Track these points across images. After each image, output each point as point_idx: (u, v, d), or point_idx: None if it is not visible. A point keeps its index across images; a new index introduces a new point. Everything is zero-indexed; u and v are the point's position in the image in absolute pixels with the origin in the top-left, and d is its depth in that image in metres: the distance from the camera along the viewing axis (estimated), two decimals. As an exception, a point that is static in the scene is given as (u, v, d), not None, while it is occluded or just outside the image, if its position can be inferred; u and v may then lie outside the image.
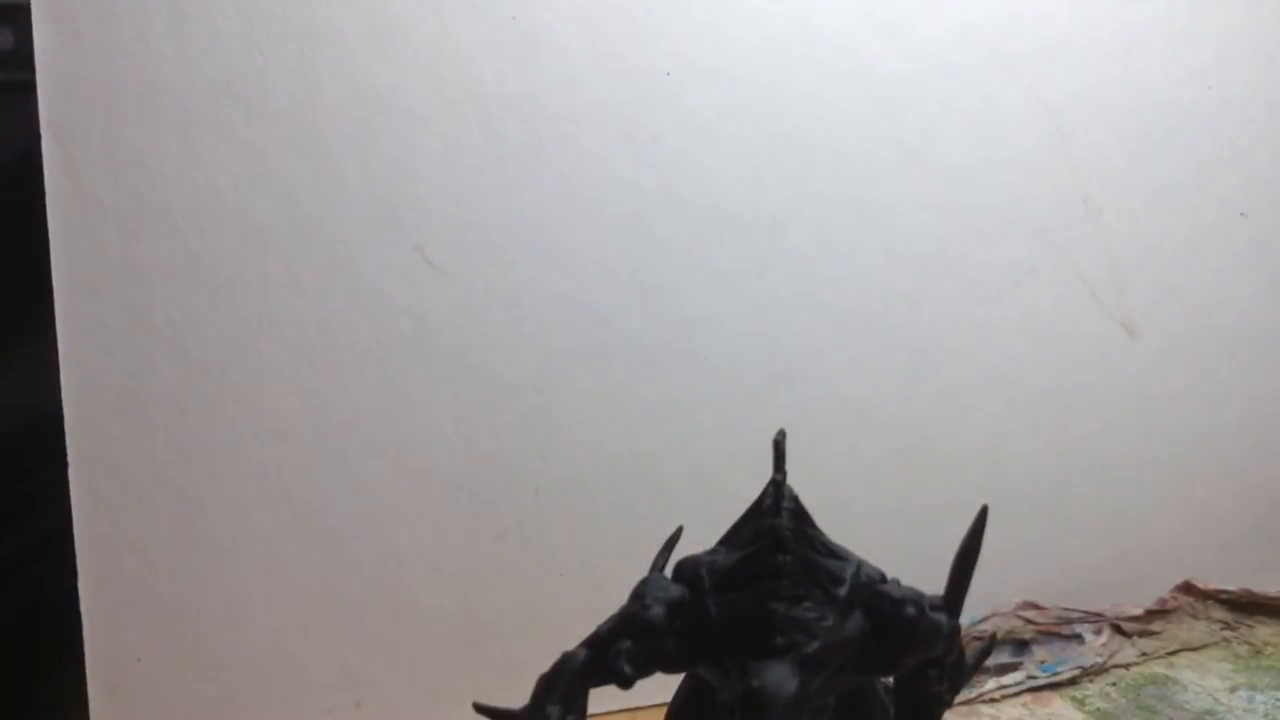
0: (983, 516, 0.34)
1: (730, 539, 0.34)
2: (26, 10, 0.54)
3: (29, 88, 0.55)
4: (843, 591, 0.31)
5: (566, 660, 0.32)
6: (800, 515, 0.33)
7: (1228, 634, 0.71)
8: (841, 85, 0.67)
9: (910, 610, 0.31)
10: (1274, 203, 0.77)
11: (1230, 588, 0.73)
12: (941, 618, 0.32)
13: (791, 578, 0.31)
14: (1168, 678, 0.65)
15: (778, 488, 0.33)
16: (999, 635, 0.67)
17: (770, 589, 0.31)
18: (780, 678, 0.29)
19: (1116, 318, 0.74)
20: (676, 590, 0.32)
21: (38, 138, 0.55)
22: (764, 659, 0.30)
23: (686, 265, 0.66)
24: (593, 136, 0.63)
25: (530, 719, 0.32)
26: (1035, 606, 0.70)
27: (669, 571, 0.34)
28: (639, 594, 0.33)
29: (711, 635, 0.31)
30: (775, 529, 0.32)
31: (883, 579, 0.33)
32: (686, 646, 0.32)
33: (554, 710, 0.32)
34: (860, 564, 0.33)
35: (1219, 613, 0.73)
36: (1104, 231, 0.73)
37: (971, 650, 0.36)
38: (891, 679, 0.34)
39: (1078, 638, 0.69)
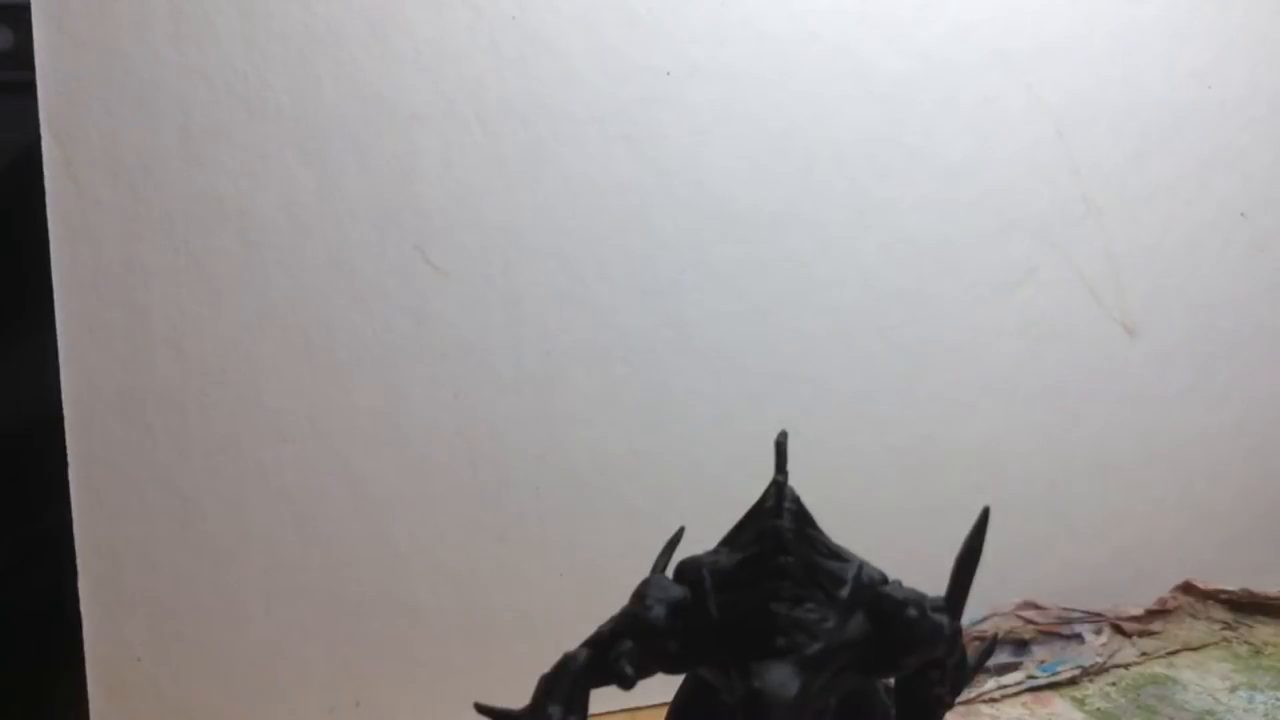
0: (984, 518, 0.34)
1: (732, 540, 0.34)
2: (26, 10, 0.54)
3: (29, 88, 0.55)
4: (844, 593, 0.31)
5: (568, 661, 0.32)
6: (802, 516, 0.33)
7: (1228, 634, 0.71)
8: (841, 85, 0.67)
9: (911, 612, 0.31)
10: (1274, 203, 0.77)
11: (1230, 588, 0.73)
12: (943, 619, 0.32)
13: (793, 579, 0.31)
14: (1168, 678, 0.65)
15: (779, 488, 0.33)
16: (999, 635, 0.67)
17: (772, 590, 0.31)
18: (782, 679, 0.29)
19: (1116, 318, 0.74)
20: (678, 591, 0.32)
21: (38, 138, 0.55)
22: (766, 660, 0.30)
23: (686, 265, 0.66)
24: (593, 136, 0.63)
25: (532, 719, 0.32)
26: (1035, 606, 0.70)
27: (670, 572, 0.34)
28: (640, 595, 0.33)
29: (713, 636, 0.31)
30: (777, 530, 0.32)
31: (884, 580, 0.33)
32: (688, 647, 0.32)
33: (555, 710, 0.31)
34: (862, 565, 0.33)
35: (1219, 613, 0.73)
36: (1104, 231, 0.73)
37: (973, 651, 0.36)
38: (893, 680, 0.34)
39: (1078, 638, 0.69)
